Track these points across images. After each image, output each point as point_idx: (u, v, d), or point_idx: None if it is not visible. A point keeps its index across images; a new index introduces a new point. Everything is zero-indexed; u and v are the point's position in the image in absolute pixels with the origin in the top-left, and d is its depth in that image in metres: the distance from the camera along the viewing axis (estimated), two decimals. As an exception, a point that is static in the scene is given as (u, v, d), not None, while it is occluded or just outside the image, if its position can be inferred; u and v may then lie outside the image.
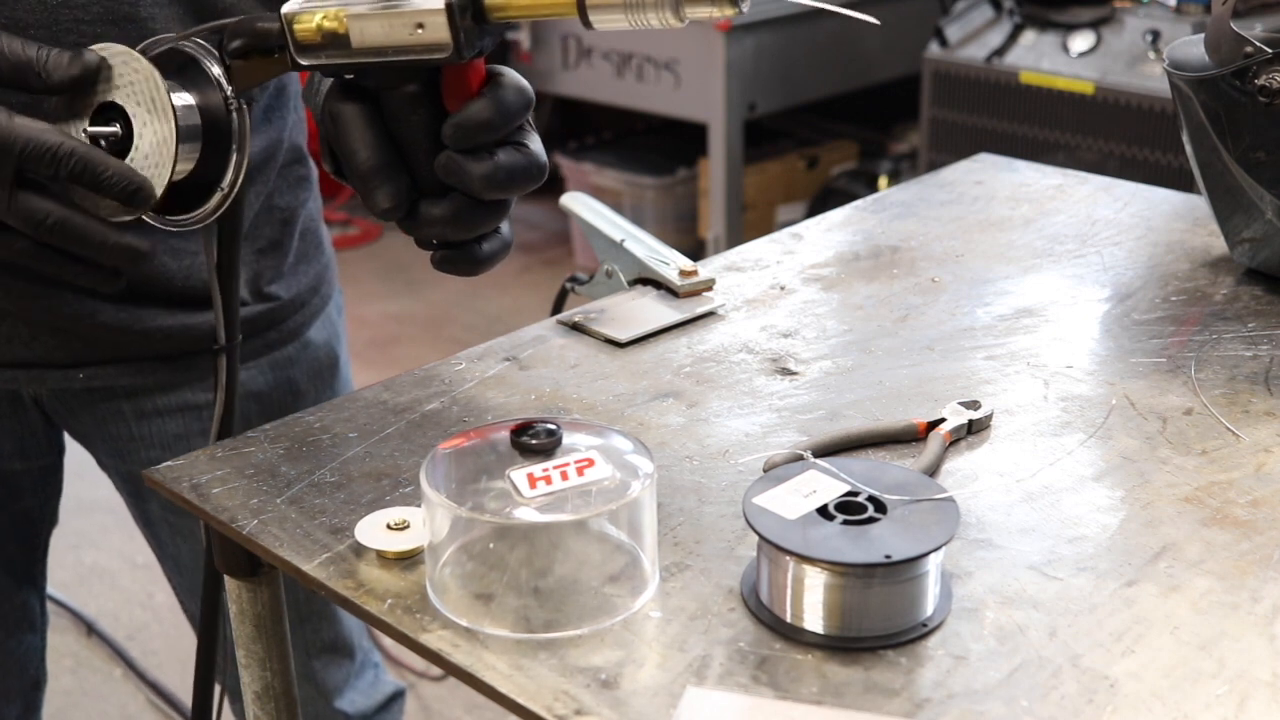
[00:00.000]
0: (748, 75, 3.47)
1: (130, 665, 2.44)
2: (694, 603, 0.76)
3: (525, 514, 0.74)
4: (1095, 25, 3.07)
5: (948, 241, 1.28)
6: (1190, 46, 1.16)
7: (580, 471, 0.76)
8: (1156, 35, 2.96)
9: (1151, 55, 2.94)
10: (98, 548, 2.72)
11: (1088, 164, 2.93)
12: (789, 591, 0.73)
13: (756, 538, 0.74)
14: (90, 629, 2.51)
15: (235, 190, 0.86)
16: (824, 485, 0.77)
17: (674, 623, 0.75)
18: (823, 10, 0.77)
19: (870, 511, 0.75)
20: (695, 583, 0.78)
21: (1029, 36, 3.14)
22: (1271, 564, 0.79)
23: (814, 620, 0.73)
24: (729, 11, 0.74)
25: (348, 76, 0.82)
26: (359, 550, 0.81)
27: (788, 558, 0.72)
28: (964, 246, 1.27)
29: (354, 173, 0.81)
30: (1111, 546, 0.81)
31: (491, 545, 0.76)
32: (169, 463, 0.91)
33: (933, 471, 0.88)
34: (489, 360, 1.05)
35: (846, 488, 0.76)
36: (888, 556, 0.71)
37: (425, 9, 0.77)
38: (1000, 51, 3.14)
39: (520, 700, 0.69)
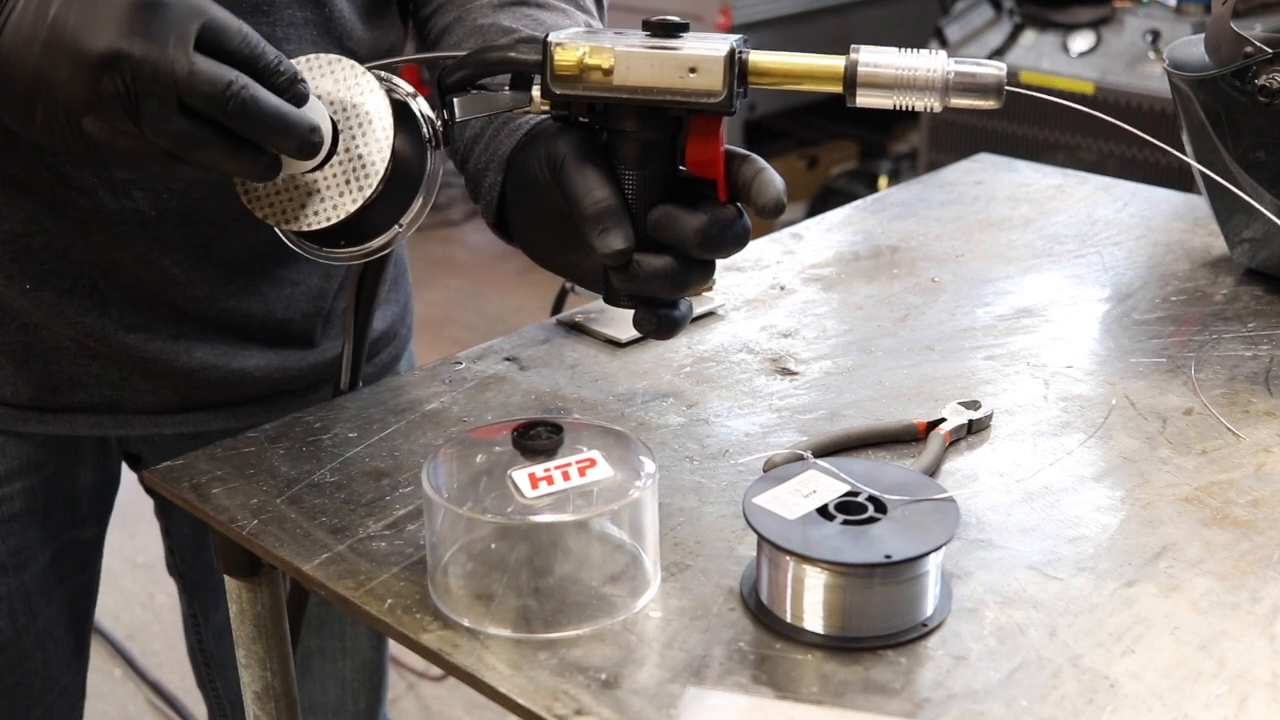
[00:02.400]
0: (748, 75, 3.46)
1: (131, 665, 2.44)
2: (694, 603, 0.76)
3: (527, 514, 0.74)
4: (1095, 25, 3.07)
5: (948, 241, 1.28)
6: (1190, 46, 1.16)
7: (582, 472, 0.76)
8: (1156, 35, 2.96)
9: (1151, 55, 2.94)
10: (98, 548, 2.71)
11: (1088, 164, 2.93)
12: (789, 591, 0.73)
13: (756, 538, 0.74)
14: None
15: (410, 231, 0.82)
16: (824, 485, 0.77)
17: (674, 623, 0.75)
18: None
19: (870, 511, 0.75)
20: (695, 583, 0.78)
21: (1029, 36, 3.14)
22: (1271, 564, 0.79)
23: (814, 620, 0.73)
24: (991, 104, 0.75)
25: (582, 119, 0.79)
26: (358, 549, 0.81)
27: (788, 558, 0.72)
28: (964, 246, 1.27)
29: (585, 212, 0.78)
30: (1111, 546, 0.81)
31: (493, 545, 0.76)
32: (169, 463, 0.91)
33: (933, 471, 0.88)
34: (489, 360, 1.05)
35: (846, 488, 0.76)
36: (888, 556, 0.71)
37: (703, 54, 0.75)
38: (1000, 51, 3.14)
39: (520, 700, 0.69)
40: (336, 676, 1.24)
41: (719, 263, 1.22)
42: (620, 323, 1.10)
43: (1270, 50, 1.04)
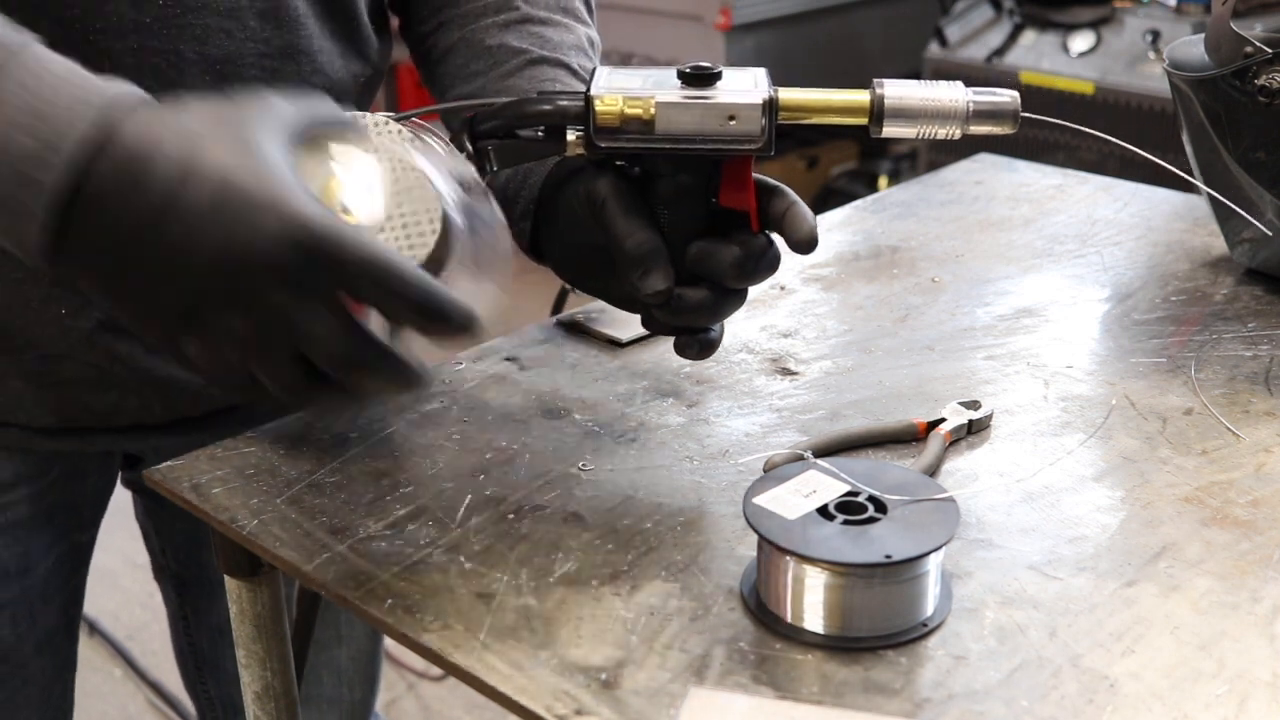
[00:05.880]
0: (748, 75, 3.46)
1: (131, 665, 2.44)
2: (694, 603, 0.76)
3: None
4: (1095, 25, 3.07)
5: (948, 241, 1.28)
6: (1190, 46, 1.16)
7: None
8: (1156, 35, 2.96)
9: (1151, 55, 2.94)
10: (98, 548, 2.71)
11: (1088, 164, 2.93)
12: (789, 591, 0.73)
13: (756, 538, 0.74)
14: (91, 628, 2.50)
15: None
16: (824, 485, 0.77)
17: (674, 623, 0.75)
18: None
19: (870, 511, 0.75)
20: (695, 583, 0.78)
21: (1029, 36, 3.14)
22: (1271, 564, 0.79)
23: (814, 620, 0.73)
24: (1007, 130, 0.78)
25: (618, 162, 0.82)
26: (358, 549, 0.81)
27: (788, 558, 0.72)
28: (964, 246, 1.27)
29: (628, 254, 0.81)
30: (1111, 546, 0.81)
31: (492, 544, 0.76)
32: (169, 463, 0.91)
33: (933, 471, 0.88)
34: (489, 360, 1.05)
35: (846, 488, 0.76)
36: (888, 556, 0.71)
37: (742, 103, 0.78)
38: (1000, 51, 3.14)
39: (520, 700, 0.69)
40: (332, 667, 1.24)
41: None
42: (620, 323, 1.10)
43: (1270, 50, 1.04)
